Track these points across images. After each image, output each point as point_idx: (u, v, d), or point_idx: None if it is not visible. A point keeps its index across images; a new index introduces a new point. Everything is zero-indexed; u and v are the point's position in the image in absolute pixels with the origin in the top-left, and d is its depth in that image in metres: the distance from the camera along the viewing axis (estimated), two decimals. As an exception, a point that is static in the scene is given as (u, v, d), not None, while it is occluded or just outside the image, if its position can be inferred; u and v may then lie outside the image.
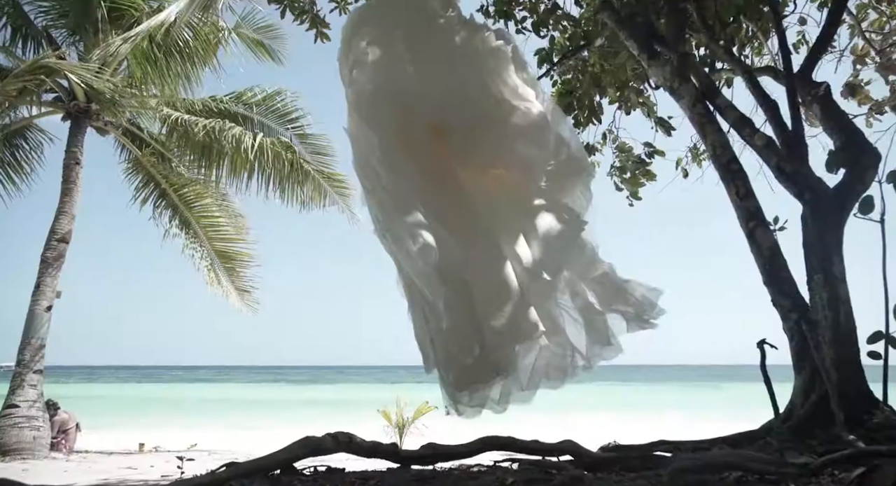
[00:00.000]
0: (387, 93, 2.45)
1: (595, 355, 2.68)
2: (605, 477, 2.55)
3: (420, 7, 2.84)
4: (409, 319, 2.63)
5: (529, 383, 2.60)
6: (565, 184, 2.71)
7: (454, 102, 2.48)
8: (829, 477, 2.33)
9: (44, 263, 9.52)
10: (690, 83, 3.89)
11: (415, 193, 2.37)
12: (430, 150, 2.50)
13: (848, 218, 3.46)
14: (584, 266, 2.76)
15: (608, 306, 2.73)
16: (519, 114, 2.60)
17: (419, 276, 2.49)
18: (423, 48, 2.58)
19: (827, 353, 3.25)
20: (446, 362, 2.50)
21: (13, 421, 8.45)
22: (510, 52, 2.85)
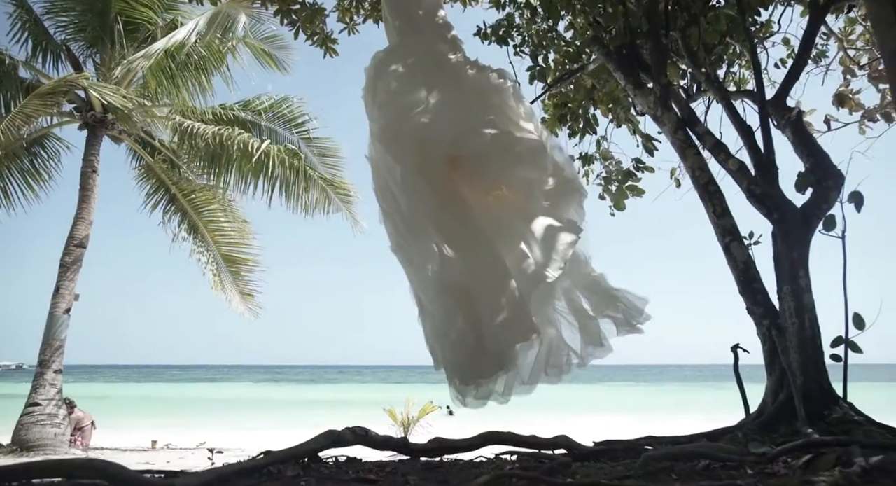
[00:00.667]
0: (407, 128, 2.85)
1: (588, 354, 3.07)
2: (590, 465, 2.94)
3: (432, 51, 3.25)
4: (420, 324, 3.03)
5: (530, 378, 2.99)
6: (561, 203, 3.11)
7: (464, 136, 2.88)
8: (783, 464, 2.71)
9: (62, 267, 9.93)
10: (672, 111, 4.28)
11: (427, 216, 2.77)
12: (443, 175, 2.89)
13: (813, 235, 3.84)
14: (578, 275, 3.15)
15: (600, 312, 3.12)
16: (520, 143, 3.00)
17: (424, 289, 2.89)
18: (438, 88, 2.98)
19: (793, 357, 3.63)
20: (451, 360, 2.89)
21: (35, 418, 8.85)
22: (511, 89, 3.26)
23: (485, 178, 2.95)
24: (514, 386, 3.02)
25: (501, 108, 3.08)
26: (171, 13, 11.39)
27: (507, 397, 3.02)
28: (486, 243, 2.84)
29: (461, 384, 2.87)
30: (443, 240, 2.72)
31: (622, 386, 40.28)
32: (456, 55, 3.40)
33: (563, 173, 3.19)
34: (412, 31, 3.40)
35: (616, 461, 3.14)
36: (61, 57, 11.08)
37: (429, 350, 3.02)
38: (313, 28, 6.51)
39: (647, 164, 6.41)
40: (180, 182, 12.42)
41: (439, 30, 3.53)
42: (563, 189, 3.14)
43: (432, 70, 3.09)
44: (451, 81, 3.09)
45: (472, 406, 3.02)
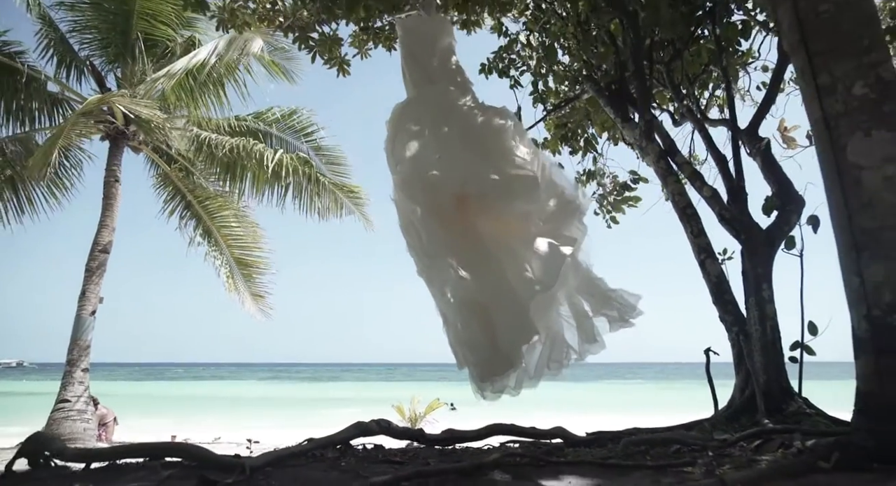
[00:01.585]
0: (421, 177, 3.44)
1: (584, 350, 3.69)
2: (581, 450, 3.53)
3: (444, 101, 3.84)
4: (444, 333, 3.64)
5: (536, 372, 3.61)
6: (562, 222, 3.71)
7: (470, 179, 3.48)
8: (738, 448, 3.30)
9: (88, 271, 10.51)
10: (655, 143, 4.87)
11: (443, 246, 3.37)
12: (453, 211, 3.49)
13: (776, 253, 4.43)
14: (579, 280, 3.75)
15: (597, 311, 3.73)
16: (516, 181, 3.59)
17: (446, 304, 3.50)
18: (447, 138, 3.58)
19: (757, 359, 4.23)
20: (472, 362, 3.51)
21: (66, 414, 9.44)
22: (512, 128, 3.85)
23: (488, 212, 3.55)
24: (524, 380, 3.63)
25: (502, 150, 3.68)
26: (189, 30, 11.96)
27: (518, 390, 3.64)
28: (493, 264, 3.44)
29: (481, 381, 3.48)
30: (457, 265, 3.33)
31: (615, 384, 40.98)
32: (465, 100, 3.99)
33: (564, 195, 3.79)
34: (426, 81, 4.00)
35: (603, 447, 3.73)
36: (84, 72, 11.65)
37: (453, 354, 3.65)
38: (330, 54, 7.09)
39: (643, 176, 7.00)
40: (195, 190, 12.99)
41: (451, 76, 4.12)
42: (564, 209, 3.74)
43: (443, 121, 3.68)
44: (460, 129, 3.68)
45: (490, 399, 3.65)
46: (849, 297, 2.67)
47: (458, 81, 4.13)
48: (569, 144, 7.32)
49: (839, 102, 2.74)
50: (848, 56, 2.75)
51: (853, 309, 2.63)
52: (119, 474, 3.09)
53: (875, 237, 2.58)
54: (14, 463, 3.46)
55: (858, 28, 2.77)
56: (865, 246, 2.60)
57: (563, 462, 2.97)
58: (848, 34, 2.77)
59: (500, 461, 2.91)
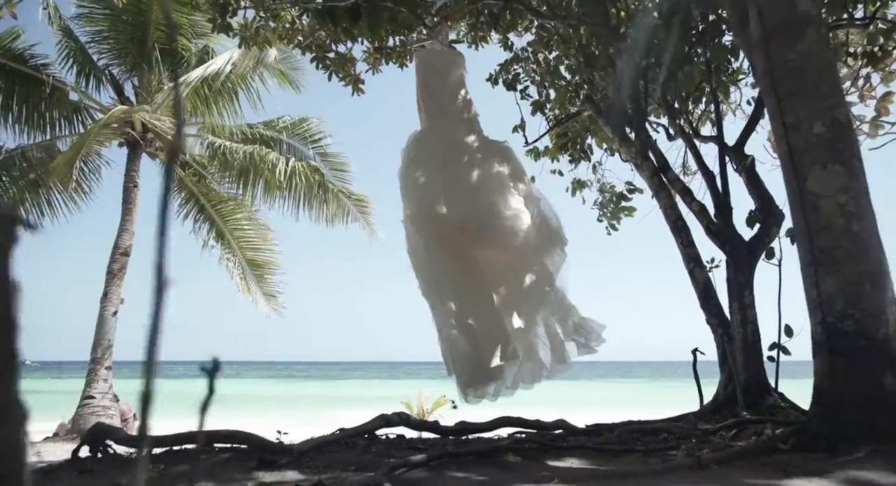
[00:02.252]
0: (429, 210, 3.94)
1: (555, 369, 4.28)
2: (580, 437, 4.00)
3: (453, 136, 4.32)
4: (439, 344, 4.16)
5: (513, 385, 4.16)
6: (546, 250, 4.22)
7: (471, 215, 3.99)
8: (718, 436, 3.77)
9: (109, 274, 10.97)
10: (650, 161, 5.34)
11: (443, 274, 3.89)
12: (455, 241, 3.99)
13: (757, 263, 4.90)
14: (555, 306, 4.27)
15: (568, 336, 4.27)
16: (511, 219, 4.09)
17: (442, 321, 4.02)
18: (454, 174, 4.07)
19: (739, 358, 4.70)
20: (458, 371, 4.03)
21: (91, 410, 9.93)
22: (511, 169, 4.35)
23: (485, 243, 4.05)
24: (501, 390, 4.18)
25: (501, 188, 4.18)
26: (203, 40, 12.41)
27: (496, 397, 4.22)
28: (484, 291, 3.96)
29: (464, 388, 4.01)
30: (455, 289, 3.84)
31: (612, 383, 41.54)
32: (471, 135, 4.47)
33: (550, 226, 4.29)
34: (438, 111, 4.47)
35: (600, 436, 4.21)
36: (102, 81, 12.11)
37: (444, 362, 4.16)
38: (345, 72, 7.54)
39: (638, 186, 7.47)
40: (209, 194, 13.46)
41: (460, 111, 4.60)
42: (548, 240, 4.25)
43: (451, 156, 4.18)
44: (465, 166, 4.18)
45: (471, 402, 4.21)
46: (808, 305, 3.15)
47: (465, 114, 4.61)
48: (568, 152, 7.79)
49: (802, 139, 3.21)
50: (810, 99, 3.22)
51: (811, 316, 3.11)
52: (181, 458, 3.57)
53: (830, 255, 3.05)
54: (79, 450, 3.94)
55: (819, 75, 3.24)
56: (822, 262, 3.07)
57: (566, 447, 3.44)
58: (810, 81, 3.24)
59: (512, 446, 3.38)
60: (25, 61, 10.37)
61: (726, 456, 2.88)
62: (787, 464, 2.65)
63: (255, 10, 6.47)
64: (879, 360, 2.86)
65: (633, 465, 2.99)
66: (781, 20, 3.32)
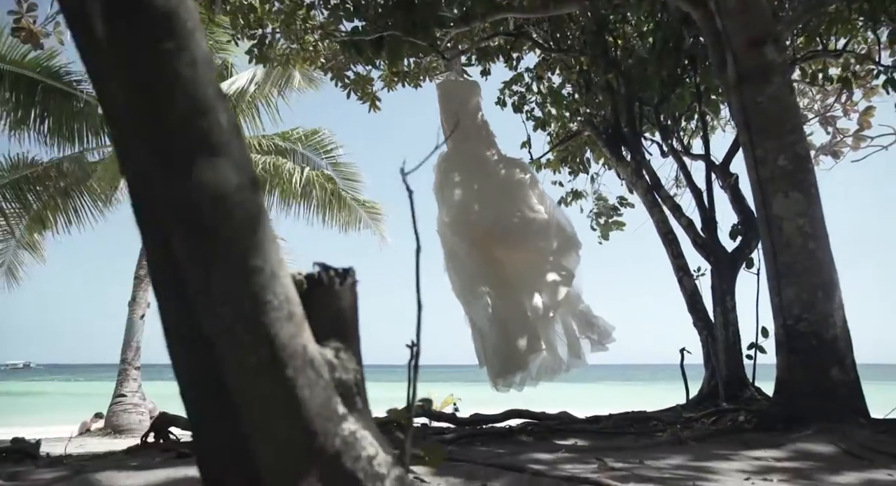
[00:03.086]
0: (464, 217, 4.54)
1: (571, 364, 4.83)
2: (580, 424, 4.61)
3: (476, 155, 4.94)
4: (472, 339, 4.74)
5: (536, 377, 4.72)
6: (563, 255, 4.81)
7: (499, 222, 4.58)
8: (700, 423, 4.37)
9: (137, 279, 11.60)
10: (644, 179, 5.95)
11: (479, 273, 4.47)
12: (487, 245, 4.58)
13: (739, 272, 5.51)
14: (571, 306, 4.86)
15: (583, 334, 4.86)
16: (533, 223, 4.69)
17: (475, 317, 4.60)
18: (481, 188, 4.68)
19: (721, 357, 5.30)
20: (489, 363, 4.61)
21: (124, 407, 10.55)
22: (529, 179, 4.95)
23: (511, 247, 4.65)
24: (526, 380, 4.76)
25: (521, 197, 4.79)
26: (223, 54, 13.04)
27: (522, 387, 4.78)
28: (512, 290, 4.55)
29: (495, 378, 4.59)
30: (488, 288, 4.43)
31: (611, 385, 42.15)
32: (490, 151, 5.09)
33: (566, 232, 4.89)
34: (462, 138, 5.09)
35: (598, 423, 4.82)
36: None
37: (476, 354, 4.75)
38: (363, 91, 8.16)
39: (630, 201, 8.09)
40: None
41: (479, 131, 5.22)
42: (565, 244, 4.84)
43: (476, 173, 4.79)
44: (489, 180, 4.80)
45: (501, 391, 4.76)
46: (772, 310, 3.76)
47: (483, 134, 5.24)
48: (568, 165, 8.42)
49: (768, 170, 3.82)
50: (775, 137, 3.83)
51: (774, 319, 3.72)
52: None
53: (790, 268, 3.67)
54: (147, 436, 4.54)
55: (783, 116, 3.85)
56: (783, 274, 3.68)
57: (569, 431, 4.05)
58: (776, 120, 3.86)
59: (524, 429, 4.00)
60: (60, 78, 11.00)
61: (702, 435, 3.49)
62: (750, 440, 3.26)
63: (285, 39, 7.10)
64: (828, 356, 3.48)
65: (626, 443, 3.60)
66: (752, 67, 3.94)
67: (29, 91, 10.45)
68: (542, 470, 2.28)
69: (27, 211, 11.49)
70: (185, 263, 0.78)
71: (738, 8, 3.88)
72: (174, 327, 0.90)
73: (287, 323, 0.81)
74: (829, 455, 2.87)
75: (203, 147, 0.73)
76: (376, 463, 0.87)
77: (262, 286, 0.77)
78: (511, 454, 3.14)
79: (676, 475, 2.34)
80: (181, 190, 0.72)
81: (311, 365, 0.83)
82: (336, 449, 0.83)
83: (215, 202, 0.73)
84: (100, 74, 0.81)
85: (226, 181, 0.74)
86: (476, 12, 5.91)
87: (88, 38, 0.78)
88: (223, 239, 0.74)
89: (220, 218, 0.74)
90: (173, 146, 0.72)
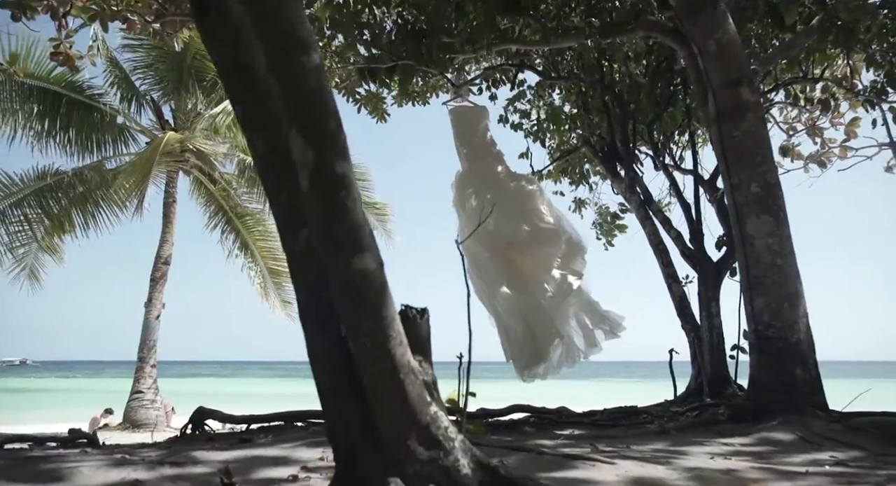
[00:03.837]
0: (485, 232, 5.07)
1: (588, 351, 5.36)
2: (574, 418, 5.15)
3: (489, 172, 5.47)
4: (498, 334, 5.27)
5: (557, 365, 5.26)
6: (571, 258, 5.35)
7: (514, 232, 5.12)
8: (685, 415, 4.92)
9: (152, 281, 12.14)
10: (637, 194, 6.49)
11: (501, 276, 5.01)
12: (504, 252, 5.13)
13: (723, 280, 6.05)
14: (582, 302, 5.40)
15: (595, 325, 5.40)
16: (543, 232, 5.23)
17: (498, 315, 5.14)
18: (496, 202, 5.21)
19: (706, 357, 5.85)
20: (515, 357, 5.16)
21: (141, 403, 11.09)
22: (537, 191, 5.49)
23: (525, 253, 5.19)
24: (549, 370, 5.30)
25: (532, 209, 5.32)
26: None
27: (545, 376, 5.31)
28: (529, 289, 5.09)
29: (521, 370, 5.13)
30: (508, 289, 4.97)
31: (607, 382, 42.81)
32: (501, 168, 5.63)
33: (572, 239, 5.44)
34: (475, 157, 5.62)
35: (593, 416, 5.37)
36: (143, 104, 13.29)
37: (503, 349, 5.30)
38: (373, 107, 8.67)
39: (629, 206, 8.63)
40: (236, 208, 14.61)
41: (489, 150, 5.76)
42: (573, 249, 5.39)
43: (491, 188, 5.33)
44: (503, 194, 5.33)
45: (527, 381, 5.32)
46: (746, 318, 4.30)
47: (493, 152, 5.78)
48: (568, 175, 8.96)
49: (742, 196, 4.36)
50: (748, 166, 4.37)
51: (748, 325, 4.27)
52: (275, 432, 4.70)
53: (760, 282, 4.21)
54: (187, 428, 5.07)
55: (755, 149, 4.39)
56: (754, 287, 4.23)
57: (567, 422, 4.59)
58: (749, 152, 4.40)
59: (527, 421, 4.54)
60: (82, 91, 11.53)
61: (683, 426, 4.04)
62: (724, 430, 3.80)
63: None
64: (792, 357, 4.02)
65: (617, 432, 4.14)
66: (730, 105, 4.48)
67: (54, 104, 10.98)
68: (544, 451, 2.82)
69: (49, 217, 12.01)
70: (341, 310, 1.32)
71: (716, 52, 4.41)
72: (320, 346, 1.44)
73: (399, 346, 1.34)
74: (788, 442, 3.41)
75: (357, 246, 1.27)
76: (449, 431, 1.40)
77: (387, 325, 1.31)
78: (517, 440, 3.68)
79: (655, 456, 2.88)
80: (346, 269, 1.27)
81: (411, 371, 1.37)
82: (426, 421, 1.37)
83: (363, 276, 1.27)
84: (298, 210, 1.35)
85: (369, 265, 1.28)
86: (483, 42, 6.44)
87: (292, 193, 1.32)
88: (367, 298, 1.28)
89: (366, 285, 1.28)
90: (342, 246, 1.26)
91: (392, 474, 1.28)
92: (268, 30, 1.17)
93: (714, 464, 2.63)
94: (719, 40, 4.41)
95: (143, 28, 6.97)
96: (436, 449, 1.33)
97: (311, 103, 1.19)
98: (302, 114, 1.19)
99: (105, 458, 2.43)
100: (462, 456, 1.36)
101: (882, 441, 3.26)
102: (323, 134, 1.20)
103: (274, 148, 1.33)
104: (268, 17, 1.13)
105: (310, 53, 1.21)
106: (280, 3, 1.21)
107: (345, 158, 1.23)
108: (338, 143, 1.22)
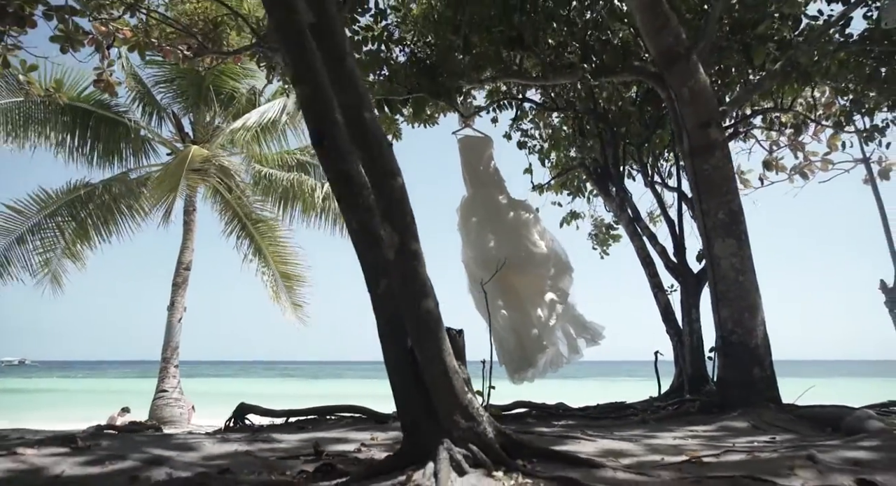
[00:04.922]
0: (483, 252, 5.83)
1: (571, 358, 6.13)
2: (570, 412, 5.91)
3: (491, 200, 6.23)
4: (491, 341, 6.03)
5: (543, 371, 6.02)
6: (559, 278, 6.12)
7: (510, 254, 5.87)
8: (665, 409, 5.68)
9: (174, 286, 12.90)
10: (626, 212, 7.26)
11: (495, 292, 5.76)
12: (503, 275, 5.88)
13: (703, 289, 6.81)
14: (568, 314, 6.17)
15: (578, 334, 6.17)
16: (535, 256, 5.99)
17: (495, 328, 5.92)
18: (496, 229, 5.97)
19: (686, 358, 6.62)
20: (507, 362, 5.92)
21: (166, 401, 11.86)
22: (533, 218, 6.26)
23: (520, 273, 5.95)
24: (536, 374, 6.06)
25: (527, 235, 6.08)
26: (250, 80, 14.34)
27: (533, 379, 6.07)
28: (522, 306, 5.86)
29: (512, 374, 5.89)
30: (503, 304, 5.74)
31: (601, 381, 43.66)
32: (501, 196, 6.39)
33: (561, 260, 6.21)
34: (480, 185, 6.38)
35: (586, 410, 6.14)
36: (163, 118, 14.05)
37: (497, 356, 6.06)
38: (386, 127, 9.41)
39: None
40: (251, 215, 15.37)
41: (492, 178, 6.51)
42: (561, 269, 6.15)
43: (491, 215, 6.09)
44: (501, 221, 6.08)
45: (517, 384, 6.08)
46: (714, 325, 5.06)
47: (496, 181, 6.53)
48: (567, 188, 9.73)
49: (711, 221, 5.13)
50: (716, 196, 5.14)
51: (715, 332, 5.04)
52: (316, 423, 5.46)
53: (725, 295, 4.97)
54: (229, 422, 5.82)
55: (722, 181, 5.16)
56: (720, 299, 4.99)
57: (563, 416, 5.35)
58: (717, 183, 5.16)
59: (529, 414, 5.31)
60: (109, 108, 12.30)
61: (660, 417, 4.81)
62: (693, 420, 4.57)
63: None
64: (751, 360, 4.79)
65: (605, 423, 4.91)
66: (701, 143, 5.24)
67: (83, 120, 11.74)
68: (544, 432, 3.59)
69: (79, 225, 12.77)
70: (412, 334, 2.08)
71: (689, 98, 5.18)
72: (393, 355, 2.20)
73: (448, 356, 2.10)
74: (741, 428, 4.18)
75: (423, 294, 2.04)
76: (480, 411, 2.16)
77: (443, 343, 2.07)
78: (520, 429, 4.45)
79: (631, 437, 3.64)
80: (417, 309, 2.03)
81: (457, 372, 2.13)
82: (466, 404, 2.13)
83: (427, 313, 2.04)
84: (379, 266, 2.10)
85: (430, 306, 2.05)
86: (487, 72, 7.20)
87: (376, 256, 2.08)
88: (430, 326, 2.05)
89: (429, 319, 2.04)
90: (415, 295, 2.03)
91: (444, 436, 2.03)
92: (372, 168, 1.91)
93: (669, 442, 3.40)
94: (692, 88, 5.18)
95: (180, 61, 7.71)
96: (472, 421, 2.09)
97: (398, 209, 1.94)
98: (393, 215, 1.94)
99: (208, 438, 3.19)
100: (488, 426, 2.12)
101: (816, 428, 4.03)
102: (404, 226, 1.95)
103: (364, 226, 2.08)
104: (375, 162, 1.85)
105: (396, 178, 1.96)
106: (380, 153, 1.96)
107: (416, 239, 1.98)
108: (412, 231, 1.97)
